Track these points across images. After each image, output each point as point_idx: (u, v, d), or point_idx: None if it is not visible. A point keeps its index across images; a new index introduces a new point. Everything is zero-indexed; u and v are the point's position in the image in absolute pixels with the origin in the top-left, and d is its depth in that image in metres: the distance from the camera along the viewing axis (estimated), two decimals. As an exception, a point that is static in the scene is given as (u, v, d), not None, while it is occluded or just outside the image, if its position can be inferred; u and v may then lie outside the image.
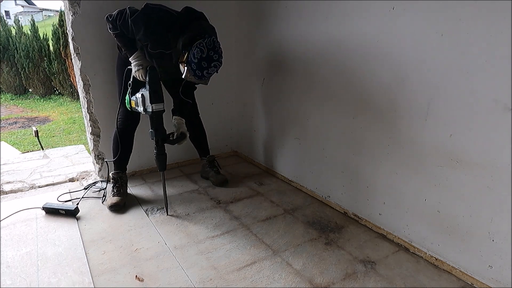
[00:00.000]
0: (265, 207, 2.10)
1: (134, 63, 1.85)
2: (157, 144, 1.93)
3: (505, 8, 1.18)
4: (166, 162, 1.97)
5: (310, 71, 2.06)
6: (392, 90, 1.61)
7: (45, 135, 5.97)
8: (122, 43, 1.85)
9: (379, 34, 1.61)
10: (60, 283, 1.44)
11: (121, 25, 1.75)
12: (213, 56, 1.67)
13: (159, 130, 1.90)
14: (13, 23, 8.68)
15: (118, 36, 1.82)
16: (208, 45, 1.65)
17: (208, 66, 1.66)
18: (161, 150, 1.94)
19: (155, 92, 1.82)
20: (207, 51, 1.64)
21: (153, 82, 1.82)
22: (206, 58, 1.65)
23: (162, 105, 1.86)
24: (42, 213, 1.97)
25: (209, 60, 1.66)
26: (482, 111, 1.31)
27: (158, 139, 1.91)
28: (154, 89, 1.82)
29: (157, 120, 1.89)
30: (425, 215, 1.60)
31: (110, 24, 1.80)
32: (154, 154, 1.95)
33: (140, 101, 1.85)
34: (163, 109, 1.87)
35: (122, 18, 1.73)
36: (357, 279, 1.50)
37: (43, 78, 8.64)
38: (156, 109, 1.84)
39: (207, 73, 1.68)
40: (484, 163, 1.34)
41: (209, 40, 1.65)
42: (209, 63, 1.67)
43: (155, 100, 1.82)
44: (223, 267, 1.56)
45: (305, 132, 2.21)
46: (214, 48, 1.67)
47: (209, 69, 1.68)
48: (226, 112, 2.87)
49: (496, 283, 1.38)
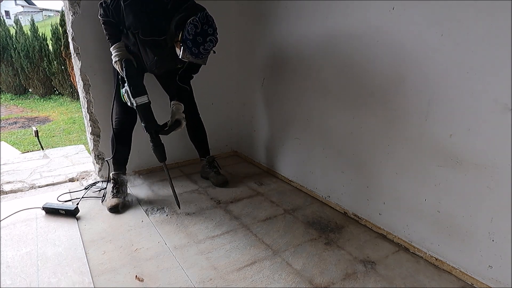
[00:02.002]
0: (265, 207, 2.10)
1: (113, 54, 1.83)
2: (152, 137, 1.90)
3: (505, 8, 1.18)
4: (165, 152, 1.94)
5: (310, 71, 2.06)
6: (392, 90, 1.61)
7: (45, 135, 5.97)
8: (108, 31, 1.83)
9: (379, 34, 1.61)
10: (60, 283, 1.44)
11: (114, 9, 1.74)
12: (207, 30, 1.62)
13: (150, 122, 1.87)
14: (13, 23, 8.68)
15: (106, 23, 1.81)
16: (202, 20, 1.60)
17: (203, 41, 1.62)
18: (156, 142, 1.91)
19: (134, 86, 1.79)
20: (201, 25, 1.60)
21: (130, 76, 1.78)
22: (200, 33, 1.60)
23: (146, 97, 1.82)
24: (42, 213, 1.97)
25: (204, 34, 1.61)
26: (482, 111, 1.31)
27: (151, 132, 1.89)
28: (132, 83, 1.79)
29: (145, 112, 1.85)
30: (425, 215, 1.60)
31: (101, 10, 1.79)
32: (151, 147, 1.92)
33: (127, 97, 1.84)
34: (147, 101, 1.83)
35: (115, 2, 1.73)
36: (357, 279, 1.50)
37: (43, 78, 8.64)
38: (140, 102, 1.81)
39: (203, 49, 1.63)
40: (484, 163, 1.34)
41: (202, 14, 1.61)
42: (205, 37, 1.62)
43: (136, 94, 1.79)
44: (223, 267, 1.56)
45: (305, 132, 2.21)
46: (208, 22, 1.62)
47: (205, 45, 1.63)
48: (226, 112, 2.87)
49: (496, 283, 1.38)
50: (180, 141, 2.58)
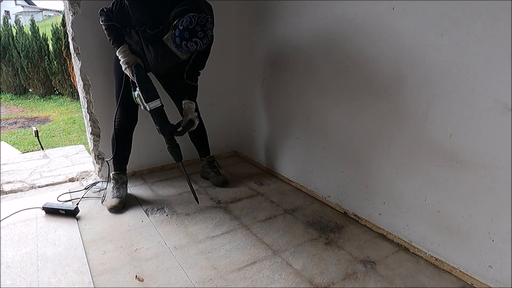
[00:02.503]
0: (265, 207, 2.10)
1: (121, 60, 1.83)
2: (167, 138, 1.92)
3: (505, 8, 1.18)
4: (180, 152, 1.96)
5: (310, 71, 2.06)
6: (392, 90, 1.61)
7: (45, 135, 5.97)
8: (111, 36, 1.82)
9: (379, 34, 1.61)
10: (60, 283, 1.44)
11: (118, 11, 1.74)
12: (198, 32, 1.61)
13: (164, 124, 1.88)
14: (13, 23, 8.68)
15: (109, 28, 1.80)
16: (200, 21, 1.60)
17: (189, 38, 1.61)
18: (172, 143, 1.93)
19: (146, 91, 1.80)
20: (195, 24, 1.59)
21: (141, 81, 1.79)
22: (190, 30, 1.60)
23: (159, 100, 1.83)
24: (42, 213, 1.97)
25: (193, 33, 1.60)
26: (482, 111, 1.31)
27: (166, 133, 1.90)
28: (144, 89, 1.80)
29: (158, 116, 1.86)
30: (425, 215, 1.60)
31: (103, 16, 1.78)
32: (167, 148, 1.94)
33: (139, 100, 1.85)
34: (160, 104, 1.84)
35: (119, 4, 1.73)
36: (357, 279, 1.50)
37: (43, 78, 8.64)
38: (153, 106, 1.82)
39: (185, 45, 1.62)
40: (484, 163, 1.34)
41: (203, 17, 1.60)
42: (191, 36, 1.61)
43: (148, 99, 1.80)
44: (223, 267, 1.56)
45: (305, 132, 2.21)
46: (204, 27, 1.61)
47: (188, 42, 1.62)
48: (226, 112, 2.87)
49: (496, 283, 1.38)
50: (180, 141, 2.56)
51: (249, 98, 2.71)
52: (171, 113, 2.03)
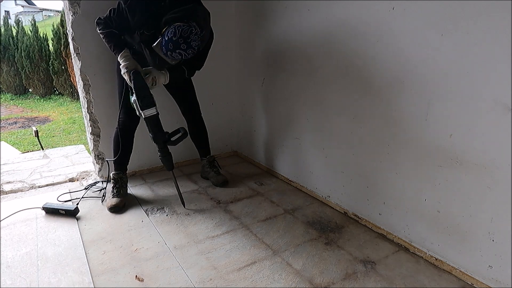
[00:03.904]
0: (265, 207, 2.10)
1: (122, 64, 1.83)
2: (160, 147, 1.93)
3: (505, 8, 1.18)
4: (172, 161, 1.99)
5: (310, 71, 2.06)
6: (392, 90, 1.61)
7: (45, 135, 5.97)
8: (111, 42, 1.82)
9: (379, 34, 1.61)
10: (60, 283, 1.44)
11: (117, 17, 1.75)
12: (181, 45, 1.63)
13: (158, 133, 1.89)
14: (13, 23, 8.68)
15: (108, 35, 1.81)
16: (183, 33, 1.61)
17: (173, 49, 1.63)
18: (165, 152, 1.95)
19: (142, 99, 1.80)
20: (178, 36, 1.61)
21: (138, 88, 1.79)
22: (174, 42, 1.62)
23: (154, 108, 1.83)
24: (42, 213, 1.97)
25: (176, 45, 1.62)
26: (482, 111, 1.31)
27: (160, 142, 1.92)
28: (140, 96, 1.80)
29: (153, 124, 1.87)
30: (425, 215, 1.60)
31: (101, 25, 1.79)
32: (159, 156, 1.96)
33: (135, 107, 1.85)
34: (155, 112, 1.84)
35: (116, 10, 1.74)
36: (357, 279, 1.50)
37: (43, 78, 8.65)
38: (148, 114, 1.82)
39: (170, 54, 1.66)
40: (484, 163, 1.34)
41: (187, 28, 1.61)
42: (175, 48, 1.63)
43: (144, 106, 1.80)
44: (223, 267, 1.56)
45: (305, 132, 2.21)
46: (187, 39, 1.62)
47: (173, 53, 1.65)
48: (226, 112, 2.87)
49: (496, 283, 1.38)
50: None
51: (249, 98, 2.71)
52: (166, 119, 2.02)
